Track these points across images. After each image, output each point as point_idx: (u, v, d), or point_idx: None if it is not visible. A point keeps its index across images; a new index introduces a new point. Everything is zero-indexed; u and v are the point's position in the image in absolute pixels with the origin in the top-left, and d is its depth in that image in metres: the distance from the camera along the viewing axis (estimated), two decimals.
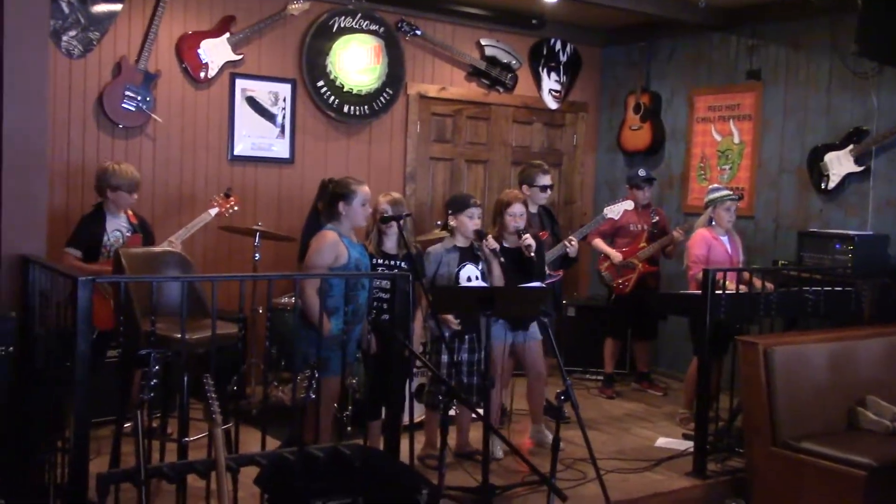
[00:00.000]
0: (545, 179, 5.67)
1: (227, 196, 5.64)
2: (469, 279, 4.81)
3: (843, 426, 4.78)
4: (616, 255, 6.50)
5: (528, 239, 4.93)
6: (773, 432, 4.60)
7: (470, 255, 4.87)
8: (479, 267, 4.85)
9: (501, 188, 7.16)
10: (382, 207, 4.65)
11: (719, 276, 4.93)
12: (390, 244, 4.69)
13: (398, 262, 4.65)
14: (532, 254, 4.86)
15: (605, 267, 6.62)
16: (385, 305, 4.35)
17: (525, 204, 5.12)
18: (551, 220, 5.96)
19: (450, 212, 4.91)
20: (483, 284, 4.77)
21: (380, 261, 4.66)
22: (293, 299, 5.58)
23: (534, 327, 5.09)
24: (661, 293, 6.61)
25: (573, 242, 5.69)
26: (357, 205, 4.45)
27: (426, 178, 7.29)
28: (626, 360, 7.07)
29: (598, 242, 6.59)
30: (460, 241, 4.87)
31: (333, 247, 4.35)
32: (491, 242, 4.79)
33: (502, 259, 4.75)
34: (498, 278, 4.82)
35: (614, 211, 5.93)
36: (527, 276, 4.82)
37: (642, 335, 6.86)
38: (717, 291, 4.86)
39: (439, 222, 5.19)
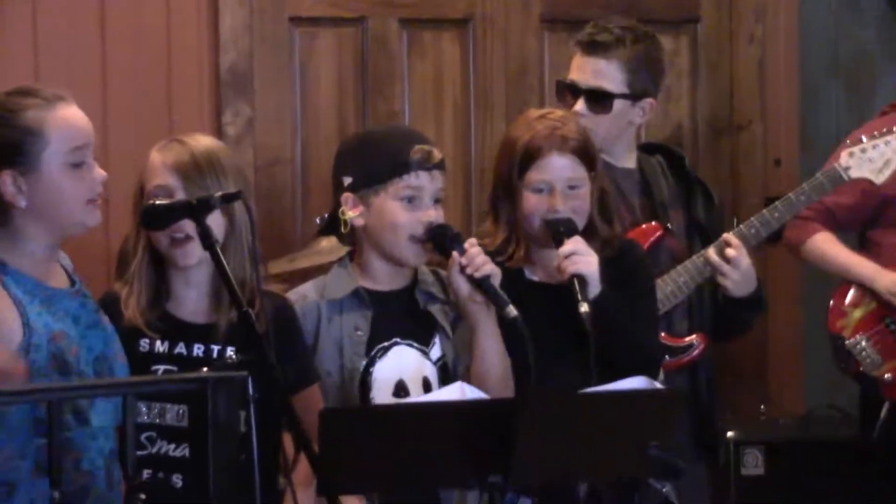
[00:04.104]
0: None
1: None
2: (402, 387, 2.58)
3: None
4: None
5: (574, 251, 2.57)
6: None
7: (403, 311, 2.64)
8: (433, 349, 2.63)
9: (513, 112, 4.28)
10: (154, 185, 2.41)
11: None
12: (193, 294, 2.43)
13: (216, 349, 2.43)
14: (581, 294, 2.51)
15: (854, 323, 3.67)
16: (179, 479, 2.37)
17: (578, 153, 2.68)
18: (688, 187, 3.36)
19: (347, 183, 2.63)
20: (449, 396, 2.39)
21: (163, 344, 2.41)
22: None
23: None
24: None
25: (734, 251, 3.09)
26: (55, 167, 2.23)
27: (279, 85, 4.12)
28: None
29: (831, 248, 3.69)
30: (379, 273, 2.64)
31: None
32: (475, 259, 2.50)
33: (515, 313, 2.46)
34: (497, 372, 2.54)
35: (873, 166, 3.35)
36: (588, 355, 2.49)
37: None
38: None
39: (319, 219, 2.88)
